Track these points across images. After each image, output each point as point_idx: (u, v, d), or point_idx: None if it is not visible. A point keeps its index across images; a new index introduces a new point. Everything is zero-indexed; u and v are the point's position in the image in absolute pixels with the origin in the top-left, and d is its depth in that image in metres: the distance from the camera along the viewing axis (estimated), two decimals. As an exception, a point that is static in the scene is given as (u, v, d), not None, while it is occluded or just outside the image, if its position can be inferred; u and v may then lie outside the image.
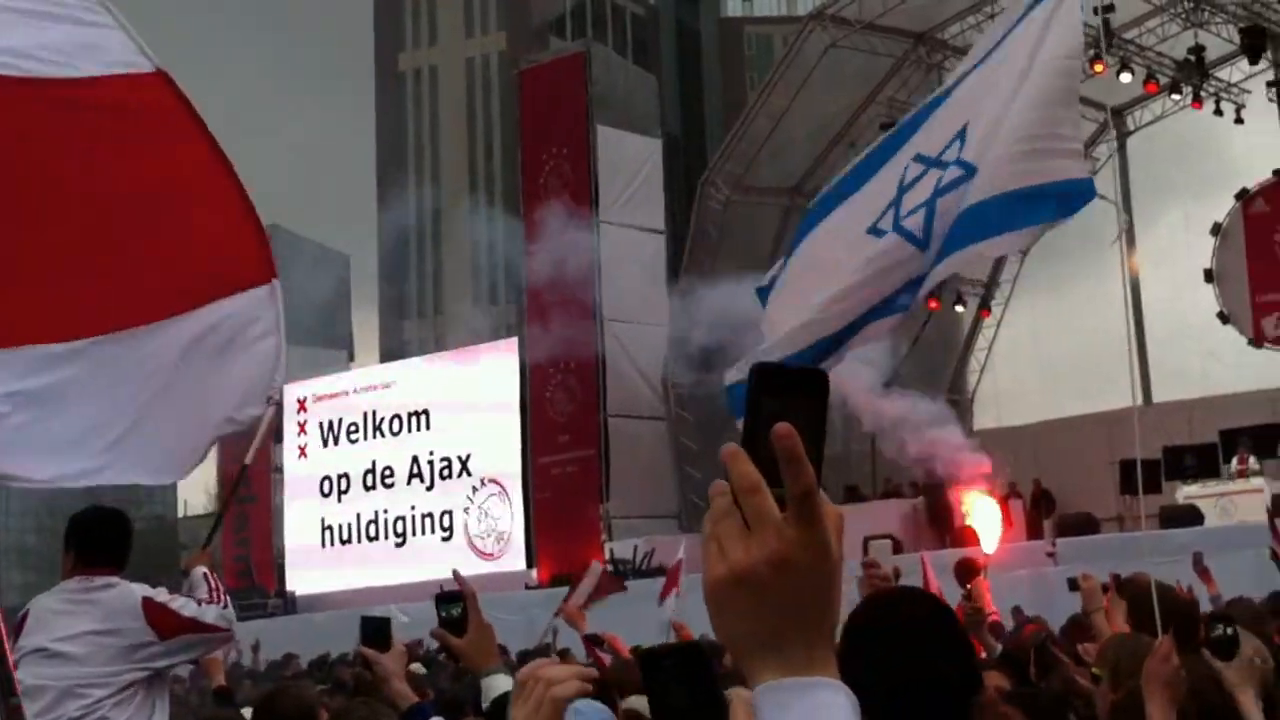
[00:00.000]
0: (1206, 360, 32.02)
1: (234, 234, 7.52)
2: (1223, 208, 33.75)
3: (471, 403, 36.02)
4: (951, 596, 10.13)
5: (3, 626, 5.21)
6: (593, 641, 11.63)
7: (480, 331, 54.97)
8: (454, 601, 4.27)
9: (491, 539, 36.04)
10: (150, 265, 7.31)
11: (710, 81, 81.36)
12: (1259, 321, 33.00)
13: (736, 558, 1.67)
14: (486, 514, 36.19)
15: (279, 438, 38.04)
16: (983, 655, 8.57)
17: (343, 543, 38.70)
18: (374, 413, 38.62)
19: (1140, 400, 28.91)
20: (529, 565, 34.60)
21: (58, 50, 7.18)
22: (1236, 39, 31.70)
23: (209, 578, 7.03)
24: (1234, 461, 26.38)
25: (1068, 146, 10.32)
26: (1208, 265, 33.78)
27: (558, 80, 36.62)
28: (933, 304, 32.96)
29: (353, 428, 38.89)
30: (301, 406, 38.96)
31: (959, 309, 36.02)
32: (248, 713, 7.82)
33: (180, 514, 72.49)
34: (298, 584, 38.56)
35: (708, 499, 1.72)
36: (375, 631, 4.88)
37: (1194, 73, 32.51)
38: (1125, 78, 31.66)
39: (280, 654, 24.80)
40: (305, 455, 39.40)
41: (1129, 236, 32.04)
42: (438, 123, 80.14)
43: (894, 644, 3.51)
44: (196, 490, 64.80)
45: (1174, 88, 33.05)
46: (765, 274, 12.51)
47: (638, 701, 5.76)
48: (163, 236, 7.37)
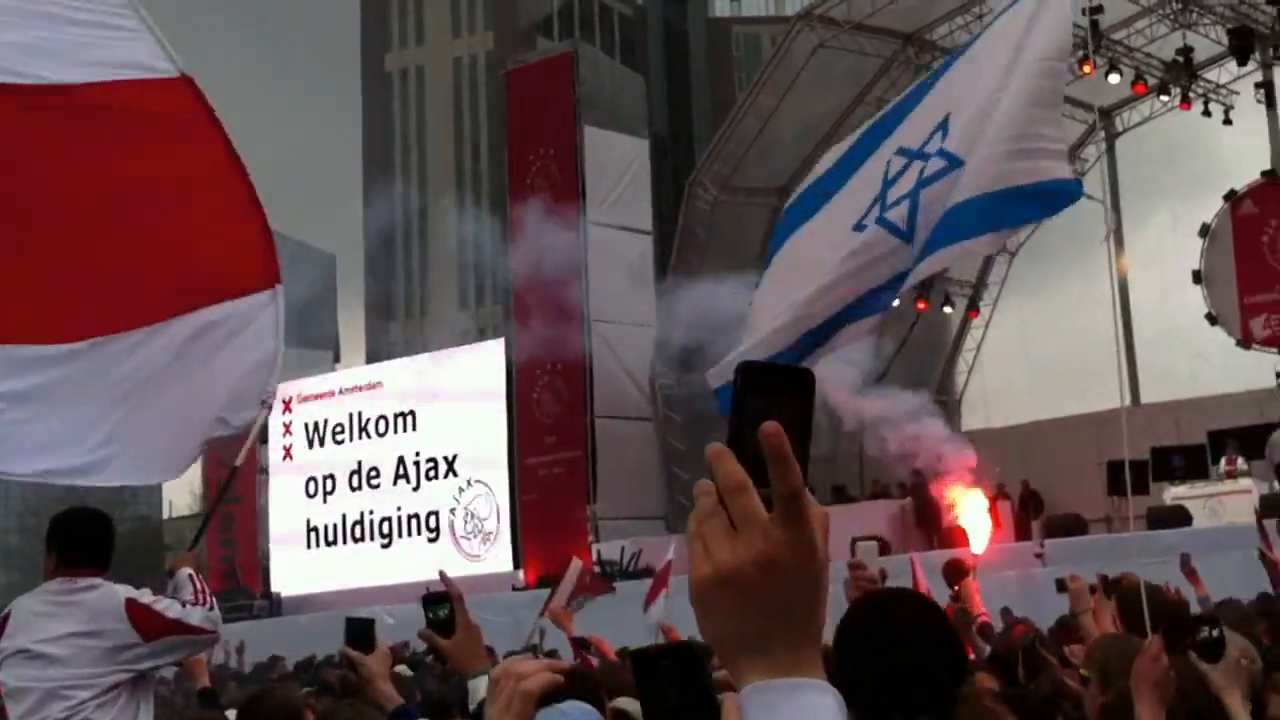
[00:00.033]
0: (1194, 361, 32.04)
1: (242, 239, 7.60)
2: (1211, 209, 33.78)
3: (458, 403, 35.91)
4: (941, 598, 10.11)
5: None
6: (579, 645, 11.63)
7: (466, 332, 55.04)
8: (441, 603, 4.24)
9: (478, 540, 35.95)
10: (157, 267, 7.40)
11: (698, 82, 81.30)
12: (1247, 323, 33.06)
13: (723, 558, 1.66)
14: (473, 515, 36.09)
15: (264, 438, 37.92)
16: (971, 657, 8.55)
17: (328, 544, 38.56)
18: (360, 413, 38.49)
19: (1128, 401, 28.91)
20: (516, 566, 34.49)
21: (80, 55, 7.23)
22: (1225, 40, 31.78)
23: (194, 579, 7.02)
24: (1222, 462, 26.42)
25: (1053, 148, 10.34)
26: (1196, 266, 33.82)
27: (545, 80, 36.53)
28: (921, 305, 33.02)
29: (338, 428, 38.76)
30: (286, 407, 38.76)
31: (947, 310, 36.02)
32: (232, 715, 7.79)
33: (165, 515, 72.35)
34: (283, 585, 38.44)
35: (693, 498, 1.70)
36: (360, 633, 4.89)
37: (1182, 74, 32.54)
38: (1113, 79, 31.71)
39: (266, 656, 24.76)
40: (290, 456, 39.24)
41: (1117, 237, 32.05)
42: (424, 123, 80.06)
43: (885, 645, 3.55)
44: (181, 491, 64.69)
45: (1162, 89, 33.11)
46: (753, 275, 12.54)
47: (626, 703, 5.74)
48: (171, 239, 7.45)
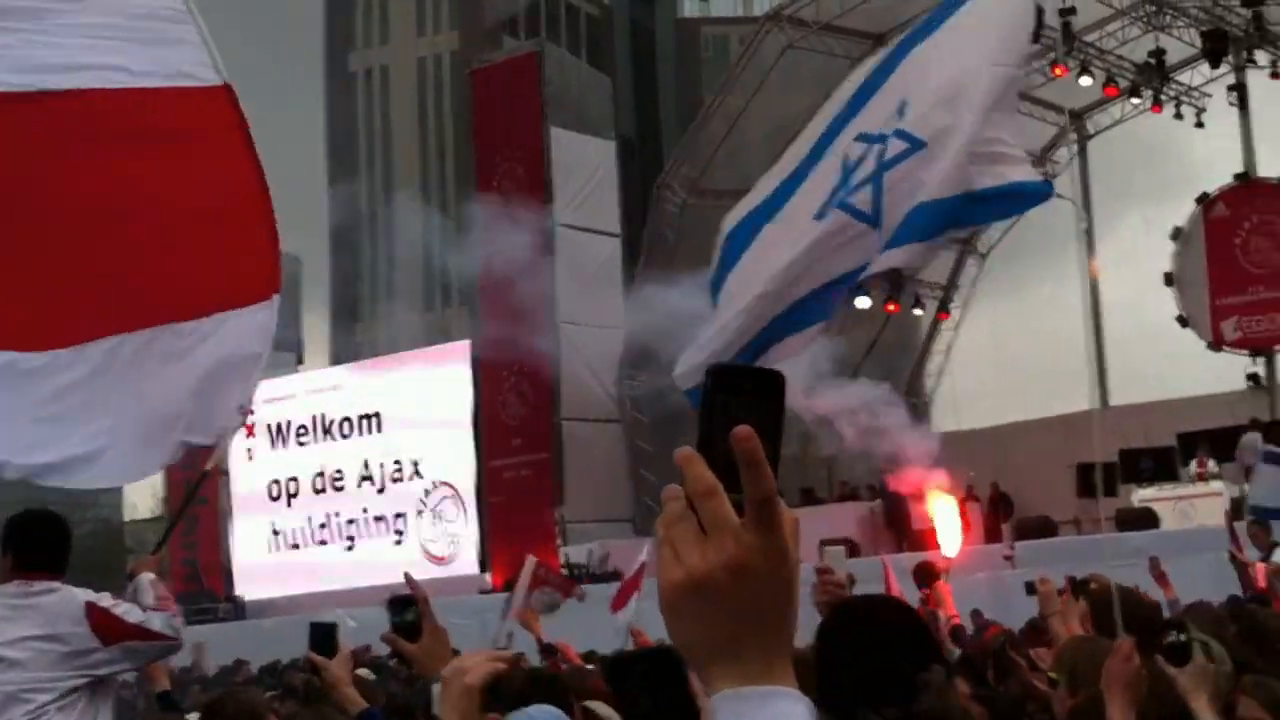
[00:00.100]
0: (1165, 363, 32.13)
1: (255, 246, 7.62)
2: (1183, 212, 33.97)
3: (423, 406, 35.82)
4: (913, 600, 10.10)
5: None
6: (546, 650, 11.64)
7: (432, 334, 54.76)
8: (407, 606, 4.20)
9: (444, 543, 35.88)
10: (163, 272, 7.41)
11: (665, 83, 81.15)
12: (1218, 325, 33.24)
13: (693, 563, 1.64)
14: (439, 517, 36.03)
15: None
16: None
17: (291, 547, 38.49)
18: (323, 415, 38.41)
19: (1098, 403, 28.98)
20: (483, 570, 34.46)
21: (123, 62, 7.30)
22: (1198, 42, 31.83)
23: (154, 585, 6.96)
24: (1193, 465, 26.52)
25: (1012, 152, 10.41)
26: (1167, 269, 33.97)
27: (511, 81, 36.45)
28: (891, 307, 32.98)
29: (301, 430, 38.63)
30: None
31: (917, 312, 35.99)
32: (194, 718, 7.74)
33: (127, 518, 71.83)
34: (246, 588, 38.35)
35: (661, 502, 1.69)
36: (323, 638, 4.88)
37: (1154, 76, 32.61)
38: (1085, 81, 31.78)
39: (231, 659, 24.70)
40: (253, 458, 38.96)
41: (1088, 240, 32.10)
42: (389, 123, 79.82)
43: (863, 650, 3.58)
44: (143, 494, 64.23)
45: (1134, 91, 33.14)
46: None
47: (598, 706, 5.75)
48: (184, 246, 7.48)
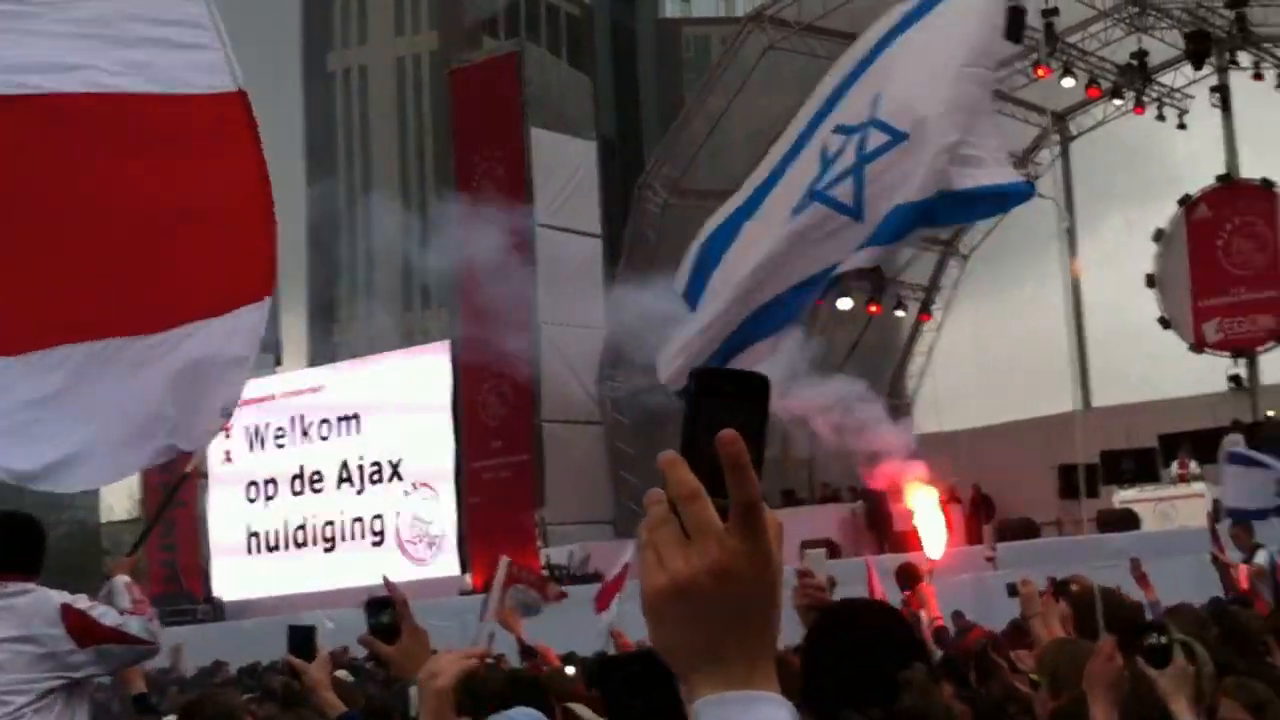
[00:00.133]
0: (1146, 365, 32.18)
1: (254, 249, 7.63)
2: (1165, 213, 34.05)
3: (403, 407, 35.71)
4: (895, 602, 10.10)
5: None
6: (526, 653, 11.62)
7: (411, 335, 54.72)
8: (384, 608, 4.17)
9: (424, 544, 35.80)
10: (150, 277, 7.42)
11: (646, 83, 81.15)
12: (1199, 326, 33.31)
13: (677, 567, 1.63)
14: (419, 518, 35.94)
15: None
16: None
17: (270, 549, 38.41)
18: (302, 417, 38.29)
19: (1080, 404, 28.97)
20: (463, 571, 34.36)
21: (137, 65, 7.33)
22: (1180, 44, 31.87)
23: (130, 588, 6.93)
24: (1174, 466, 26.54)
25: (990, 155, 10.40)
26: (1149, 270, 34.02)
27: (490, 81, 36.32)
28: (873, 308, 32.98)
29: (279, 431, 38.49)
30: (227, 410, 38.40)
31: (899, 313, 36.03)
32: (171, 720, 7.71)
33: (103, 519, 71.63)
34: (225, 590, 38.30)
35: (643, 505, 1.68)
36: (302, 640, 4.87)
37: (1137, 77, 32.65)
38: (1068, 82, 31.83)
39: (209, 660, 24.67)
40: (230, 459, 38.76)
41: (1070, 241, 32.10)
42: (368, 123, 79.79)
43: (847, 653, 3.59)
44: (120, 496, 64.00)
45: (1116, 93, 33.19)
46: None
47: (580, 709, 5.75)
48: (185, 250, 7.47)
